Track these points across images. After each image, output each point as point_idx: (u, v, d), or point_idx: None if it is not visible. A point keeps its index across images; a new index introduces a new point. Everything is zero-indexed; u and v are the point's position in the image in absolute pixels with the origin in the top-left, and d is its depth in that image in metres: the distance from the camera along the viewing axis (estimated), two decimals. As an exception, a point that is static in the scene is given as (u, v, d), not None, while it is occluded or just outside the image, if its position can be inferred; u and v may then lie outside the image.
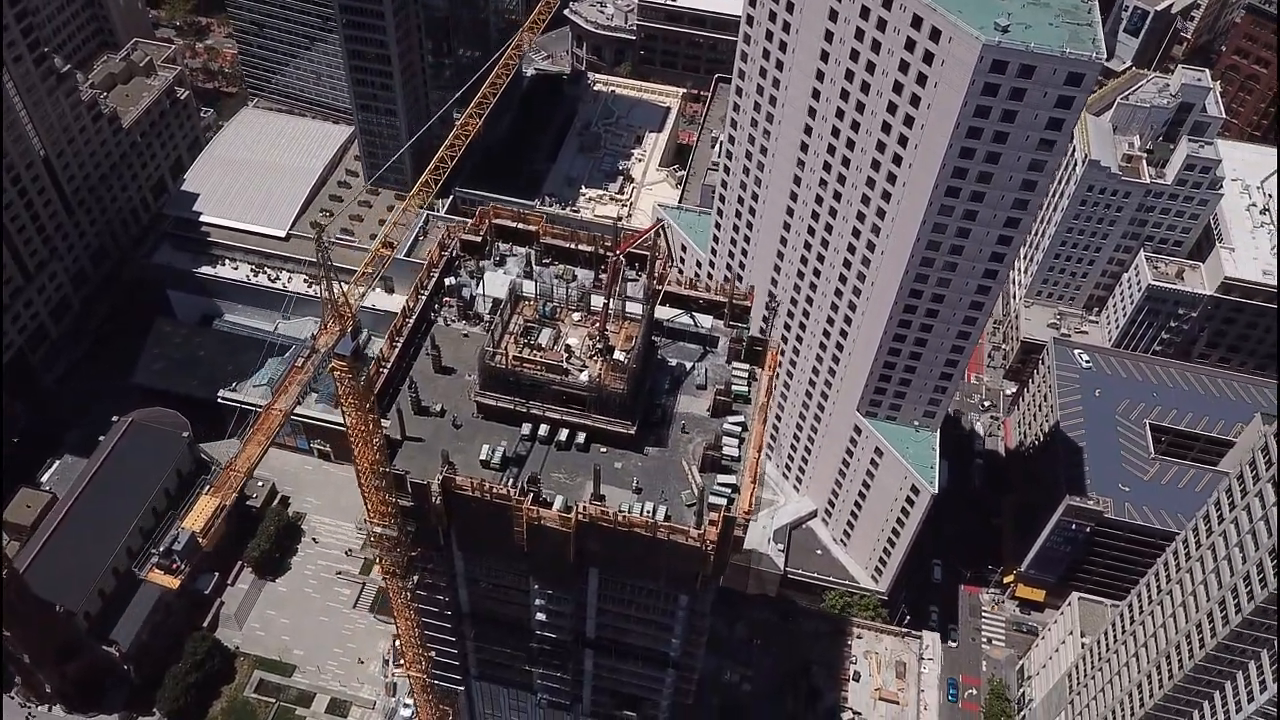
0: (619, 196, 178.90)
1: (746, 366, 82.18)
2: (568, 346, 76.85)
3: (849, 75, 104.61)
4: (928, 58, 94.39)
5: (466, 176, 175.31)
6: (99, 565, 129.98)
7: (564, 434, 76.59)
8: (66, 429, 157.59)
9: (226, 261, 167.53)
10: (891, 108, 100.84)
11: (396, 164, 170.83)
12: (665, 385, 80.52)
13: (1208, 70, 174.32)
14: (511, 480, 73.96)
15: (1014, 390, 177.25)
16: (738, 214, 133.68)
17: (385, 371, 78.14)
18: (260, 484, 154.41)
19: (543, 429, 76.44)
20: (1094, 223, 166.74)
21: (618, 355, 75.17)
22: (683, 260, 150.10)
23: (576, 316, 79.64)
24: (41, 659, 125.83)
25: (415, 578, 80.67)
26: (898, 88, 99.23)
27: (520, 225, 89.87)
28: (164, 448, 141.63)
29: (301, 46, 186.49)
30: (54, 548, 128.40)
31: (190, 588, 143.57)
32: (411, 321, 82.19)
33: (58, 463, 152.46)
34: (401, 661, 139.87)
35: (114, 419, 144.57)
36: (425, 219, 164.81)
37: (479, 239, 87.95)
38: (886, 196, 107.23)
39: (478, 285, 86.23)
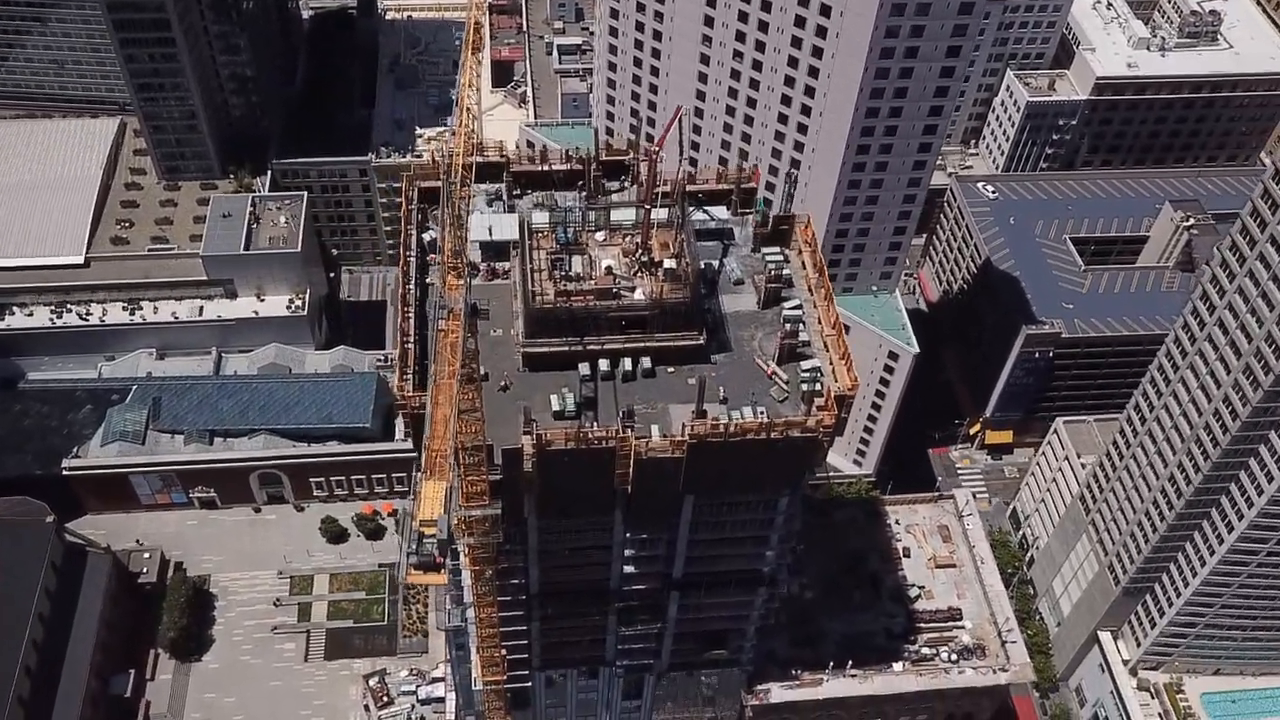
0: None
1: (777, 249, 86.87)
2: (608, 268, 78.62)
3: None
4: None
5: (279, 145, 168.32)
6: (2, 699, 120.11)
7: (627, 364, 78.86)
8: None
9: (16, 309, 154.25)
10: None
11: (198, 149, 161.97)
12: (702, 289, 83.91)
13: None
14: (591, 425, 75.74)
15: (919, 243, 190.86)
16: (634, 113, 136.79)
17: (411, 346, 77.74)
18: (146, 555, 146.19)
19: (603, 364, 78.41)
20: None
21: (668, 264, 77.80)
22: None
23: (600, 236, 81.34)
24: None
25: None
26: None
27: (481, 159, 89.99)
28: (29, 542, 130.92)
29: (26, 32, 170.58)
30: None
31: (105, 696, 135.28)
32: (412, 287, 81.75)
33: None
34: (380, 696, 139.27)
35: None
36: (251, 202, 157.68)
37: (438, 184, 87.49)
38: (818, 52, 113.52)
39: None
